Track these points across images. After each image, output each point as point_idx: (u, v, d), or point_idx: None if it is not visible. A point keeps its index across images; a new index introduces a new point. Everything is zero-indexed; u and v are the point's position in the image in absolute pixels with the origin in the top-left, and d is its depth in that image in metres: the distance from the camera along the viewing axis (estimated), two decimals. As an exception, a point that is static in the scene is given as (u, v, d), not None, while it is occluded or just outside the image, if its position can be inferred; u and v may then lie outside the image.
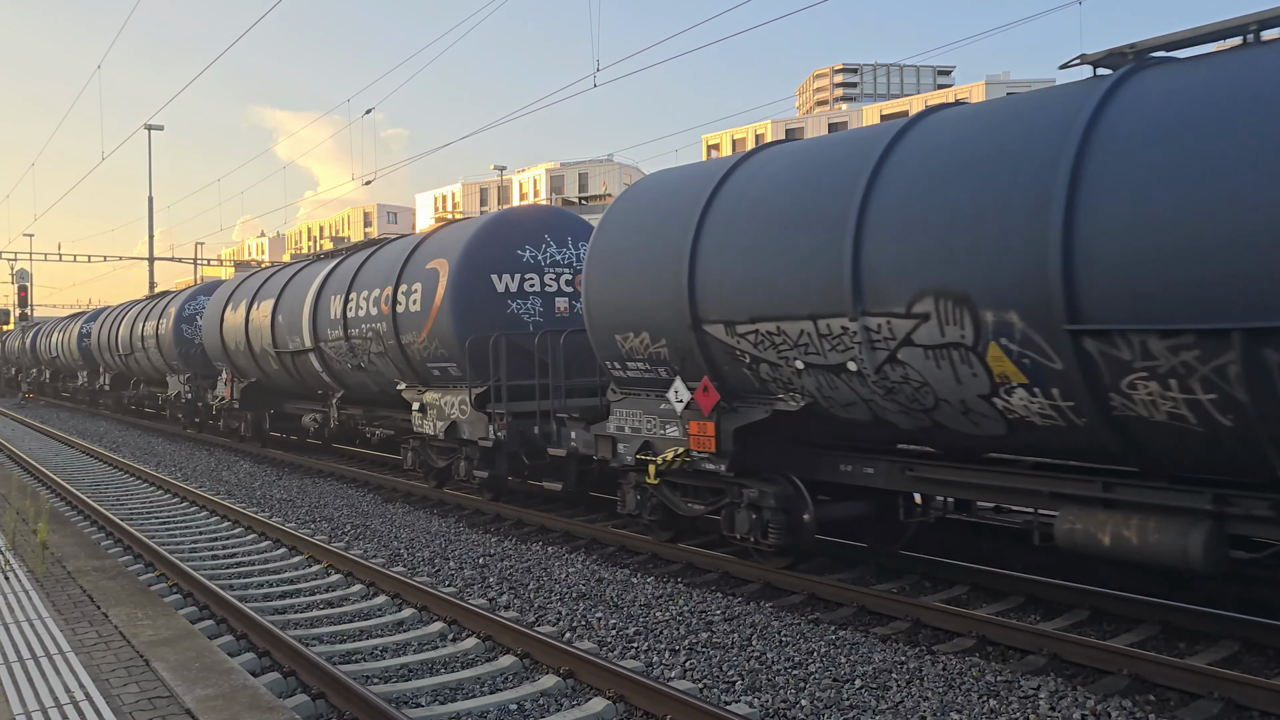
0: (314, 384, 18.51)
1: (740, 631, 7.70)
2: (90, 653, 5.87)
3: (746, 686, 6.52)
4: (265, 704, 4.96)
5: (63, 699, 5.08)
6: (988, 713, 5.98)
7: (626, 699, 6.10)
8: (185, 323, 25.24)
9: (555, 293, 13.76)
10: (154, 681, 5.34)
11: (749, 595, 8.86)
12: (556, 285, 13.79)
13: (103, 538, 12.06)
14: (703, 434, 9.38)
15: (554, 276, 13.77)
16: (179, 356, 25.29)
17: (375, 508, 14.14)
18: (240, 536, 12.23)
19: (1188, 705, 6.07)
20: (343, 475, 17.46)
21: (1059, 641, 6.92)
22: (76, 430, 29.53)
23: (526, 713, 6.16)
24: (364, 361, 15.77)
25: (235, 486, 16.72)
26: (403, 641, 7.62)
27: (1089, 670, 6.69)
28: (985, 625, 7.37)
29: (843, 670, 6.77)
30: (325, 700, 6.18)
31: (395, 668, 7.01)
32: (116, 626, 6.43)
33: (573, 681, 6.53)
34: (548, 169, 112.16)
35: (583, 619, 8.18)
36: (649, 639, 7.58)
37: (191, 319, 25.25)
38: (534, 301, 13.59)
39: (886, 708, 6.10)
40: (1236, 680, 6.05)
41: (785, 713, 6.05)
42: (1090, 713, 5.91)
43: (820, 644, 7.33)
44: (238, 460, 20.66)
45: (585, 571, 9.82)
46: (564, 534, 11.82)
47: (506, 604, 8.75)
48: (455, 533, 12.12)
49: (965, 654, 7.10)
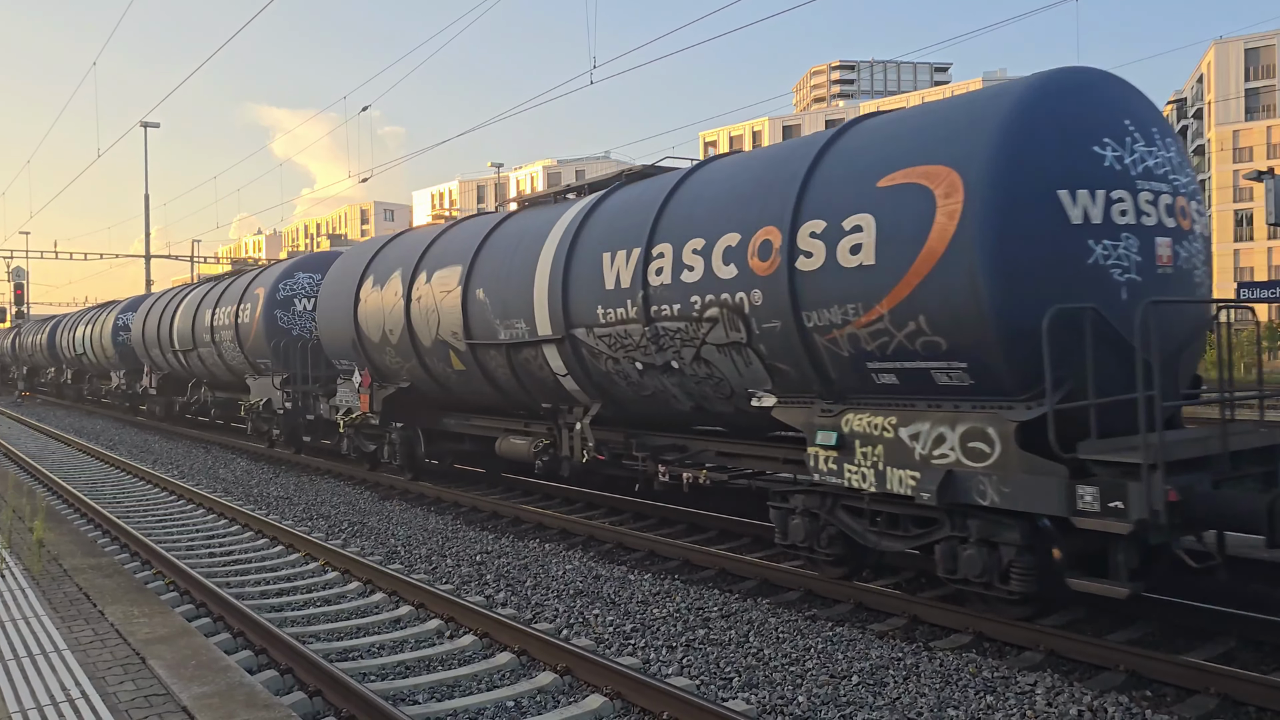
0: (540, 394, 12.10)
1: (737, 628, 7.70)
2: (86, 650, 5.86)
3: (744, 683, 6.52)
4: (262, 701, 4.95)
5: (59, 697, 5.08)
6: (985, 708, 5.99)
7: (624, 696, 6.10)
8: (280, 308, 19.45)
9: (1154, 227, 7.25)
10: (150, 679, 5.34)
11: (746, 592, 8.87)
12: (1155, 213, 7.27)
13: (99, 535, 12.05)
14: None
15: (1151, 197, 7.27)
16: (271, 352, 19.33)
17: (372, 505, 14.13)
18: (237, 534, 12.22)
19: (1184, 701, 6.08)
20: (339, 473, 17.44)
21: (1055, 637, 6.93)
22: (73, 428, 29.49)
23: (523, 710, 6.16)
24: (678, 359, 9.50)
25: (232, 484, 16.70)
26: (400, 639, 7.61)
27: (1086, 666, 6.70)
28: (982, 621, 7.38)
29: (840, 666, 6.77)
30: (322, 698, 6.18)
31: (392, 665, 7.01)
32: (113, 624, 6.42)
33: (570, 678, 6.52)
34: (545, 166, 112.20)
35: (580, 616, 8.18)
36: (646, 636, 7.58)
37: (288, 302, 19.52)
38: (1128, 243, 7.09)
39: (883, 703, 6.10)
40: (1233, 676, 6.06)
41: (783, 709, 6.06)
42: (1087, 708, 5.91)
43: (817, 640, 7.33)
44: (235, 458, 20.63)
45: (582, 568, 9.82)
46: (561, 531, 11.82)
47: (504, 601, 8.75)
48: (452, 530, 12.11)
49: (962, 650, 7.11)
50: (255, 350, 20.00)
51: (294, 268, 20.09)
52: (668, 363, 9.65)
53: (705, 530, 11.38)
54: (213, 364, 23.01)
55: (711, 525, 11.38)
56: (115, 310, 32.77)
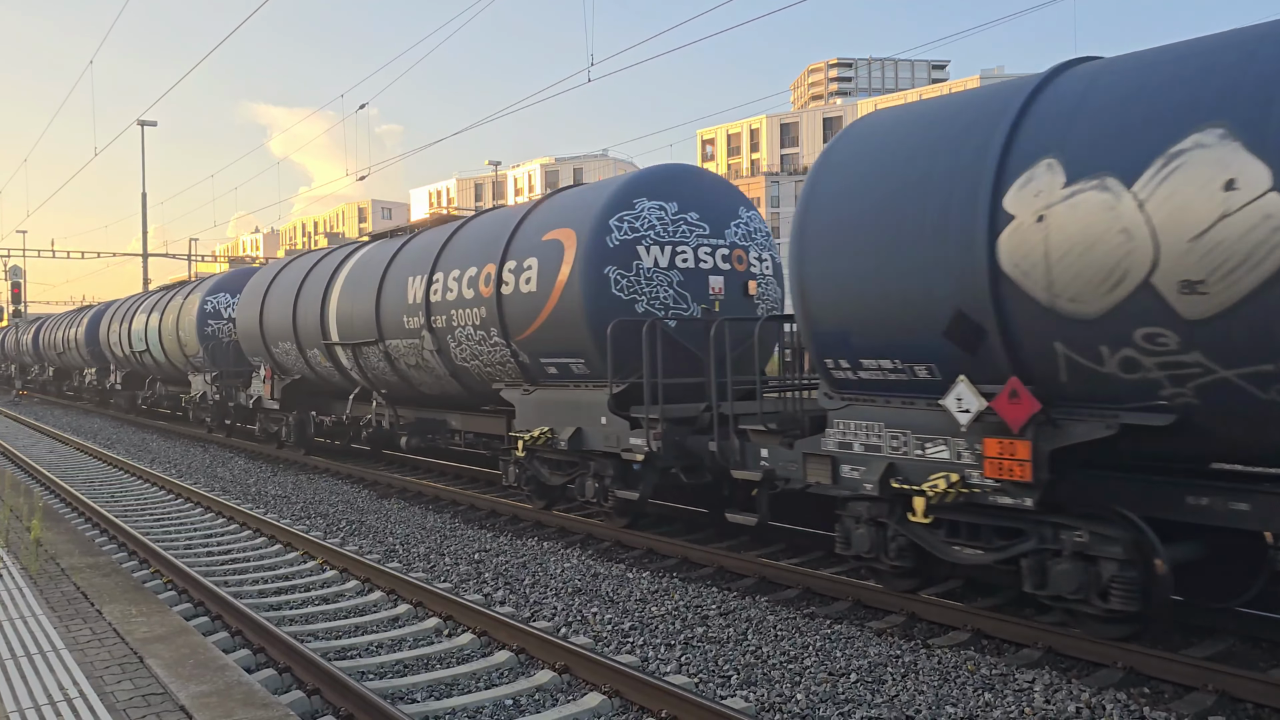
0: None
1: (736, 626, 7.70)
2: (84, 650, 5.85)
3: (742, 681, 6.52)
4: (260, 700, 4.94)
5: (56, 696, 5.07)
6: (983, 706, 5.99)
7: (622, 694, 6.09)
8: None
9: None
10: (148, 678, 5.33)
11: (744, 590, 8.87)
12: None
13: (97, 534, 12.03)
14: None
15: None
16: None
17: (370, 503, 14.12)
18: (235, 533, 12.21)
19: (1182, 698, 6.08)
20: (337, 471, 17.43)
21: (1053, 635, 6.93)
22: (71, 427, 29.46)
23: (522, 708, 6.16)
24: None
25: (230, 483, 16.69)
26: (398, 637, 7.61)
27: (1084, 663, 6.71)
28: (980, 619, 7.38)
29: (838, 664, 6.78)
30: (320, 696, 6.17)
31: (390, 663, 7.00)
32: (110, 623, 6.41)
33: (568, 677, 6.52)
34: (542, 164, 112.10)
35: (578, 614, 8.18)
36: (645, 634, 7.58)
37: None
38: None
39: (882, 701, 6.11)
40: (1231, 673, 6.07)
41: (781, 707, 6.06)
42: (1085, 705, 5.92)
43: (816, 638, 7.34)
44: (233, 457, 20.62)
45: (581, 567, 9.82)
46: (559, 529, 11.82)
47: (502, 599, 8.74)
48: (451, 528, 12.11)
49: (960, 648, 7.11)
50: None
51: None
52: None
53: (703, 528, 11.38)
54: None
55: (710, 523, 11.38)
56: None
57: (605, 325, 10.47)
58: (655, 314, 10.86)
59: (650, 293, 10.93)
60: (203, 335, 23.39)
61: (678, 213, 11.16)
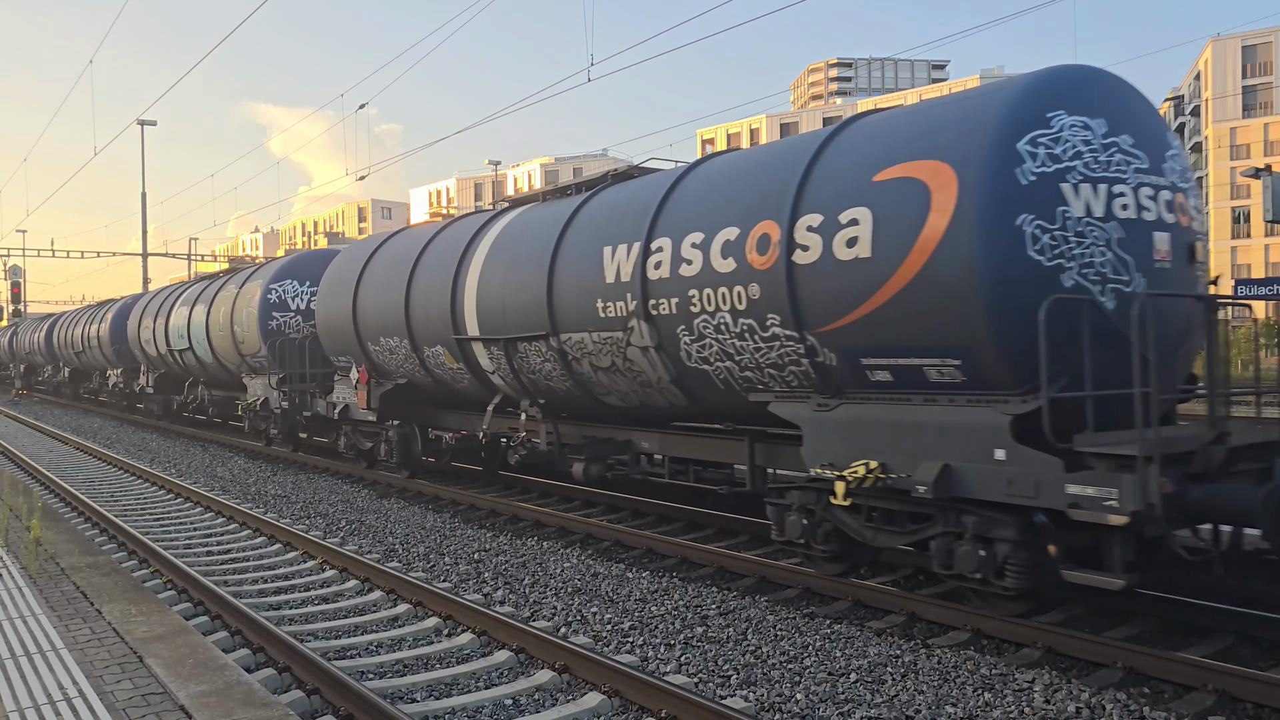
0: None
1: (735, 625, 7.70)
2: (83, 649, 5.85)
3: (742, 680, 6.52)
4: (259, 700, 4.94)
5: (55, 696, 5.06)
6: (983, 706, 5.99)
7: (622, 694, 6.09)
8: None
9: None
10: (148, 678, 5.33)
11: (744, 589, 8.87)
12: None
13: (96, 534, 12.03)
14: None
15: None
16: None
17: (370, 503, 14.12)
18: (235, 532, 12.20)
19: (1182, 698, 6.08)
20: (337, 471, 17.43)
21: (1053, 634, 6.93)
22: (70, 426, 29.45)
23: (521, 708, 6.16)
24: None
25: (230, 482, 16.68)
26: (398, 637, 7.61)
27: (1084, 663, 6.70)
28: (980, 619, 7.38)
29: (838, 664, 6.78)
30: (320, 696, 6.17)
31: (390, 663, 7.00)
32: (110, 623, 6.41)
33: (568, 676, 6.52)
34: (542, 164, 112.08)
35: (578, 614, 8.18)
36: (644, 633, 7.58)
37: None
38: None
39: (882, 701, 6.11)
40: (1230, 672, 6.06)
41: (781, 706, 6.05)
42: (1085, 705, 5.92)
43: (815, 638, 7.33)
44: (232, 456, 20.61)
45: (580, 566, 9.82)
46: (559, 528, 11.81)
47: (501, 599, 8.74)
48: (450, 528, 12.10)
49: (960, 648, 7.11)
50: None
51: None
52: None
53: (703, 528, 11.38)
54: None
55: (709, 523, 11.38)
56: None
57: (1014, 305, 6.85)
58: (1088, 289, 7.05)
59: (1082, 256, 7.05)
60: (266, 331, 19.44)
61: (1108, 135, 7.33)
